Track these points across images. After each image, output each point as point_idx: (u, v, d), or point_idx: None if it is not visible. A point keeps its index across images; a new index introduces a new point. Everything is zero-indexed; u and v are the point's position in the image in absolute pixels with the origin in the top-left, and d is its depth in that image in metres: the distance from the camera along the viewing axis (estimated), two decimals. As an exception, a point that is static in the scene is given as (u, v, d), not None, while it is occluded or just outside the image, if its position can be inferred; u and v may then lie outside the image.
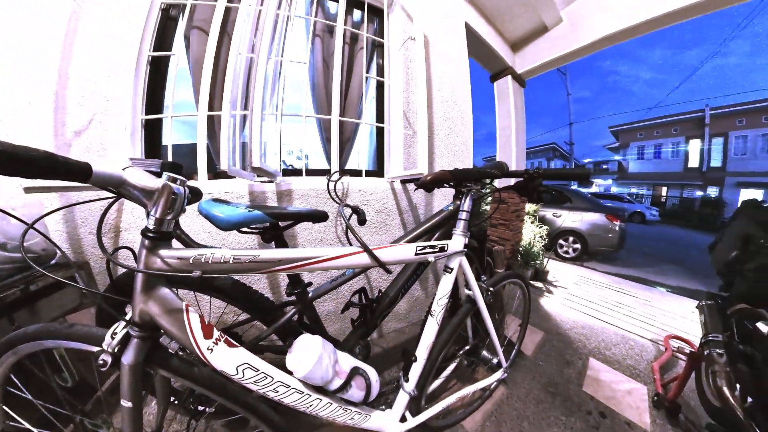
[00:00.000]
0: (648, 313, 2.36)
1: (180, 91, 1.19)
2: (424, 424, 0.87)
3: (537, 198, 0.86)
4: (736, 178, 16.94)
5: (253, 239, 1.17)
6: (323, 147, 1.53)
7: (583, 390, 1.35)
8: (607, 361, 1.60)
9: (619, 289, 2.91)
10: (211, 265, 0.49)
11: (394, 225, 1.51)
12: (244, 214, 0.64)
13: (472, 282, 0.88)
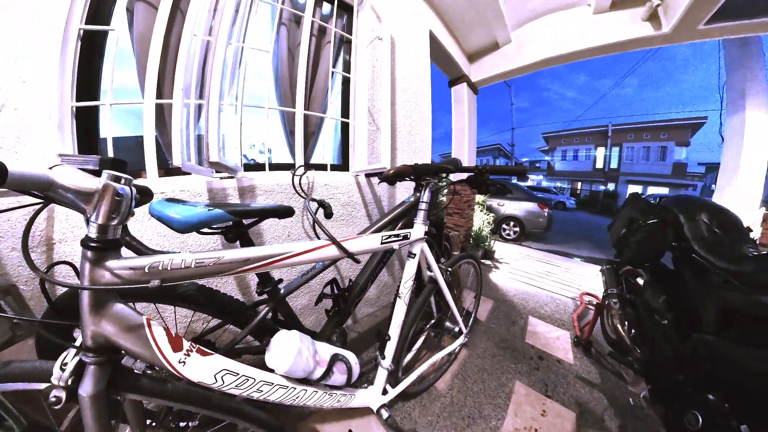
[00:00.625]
0: (568, 277, 2.79)
1: (121, 74, 0.94)
2: (403, 393, 0.91)
3: (485, 190, 0.94)
4: (626, 177, 21.70)
5: (216, 240, 1.02)
6: (287, 141, 1.40)
7: (525, 342, 1.61)
8: (541, 318, 1.91)
9: (548, 261, 3.36)
10: (171, 272, 0.42)
11: (359, 217, 1.48)
12: (203, 214, 0.55)
13: (433, 265, 0.94)
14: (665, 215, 1.14)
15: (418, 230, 0.82)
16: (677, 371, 0.83)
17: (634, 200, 1.46)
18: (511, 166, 0.97)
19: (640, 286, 1.21)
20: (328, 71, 1.39)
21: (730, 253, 0.89)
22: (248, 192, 1.09)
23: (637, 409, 1.17)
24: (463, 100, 3.29)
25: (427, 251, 0.89)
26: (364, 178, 1.49)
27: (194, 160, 0.96)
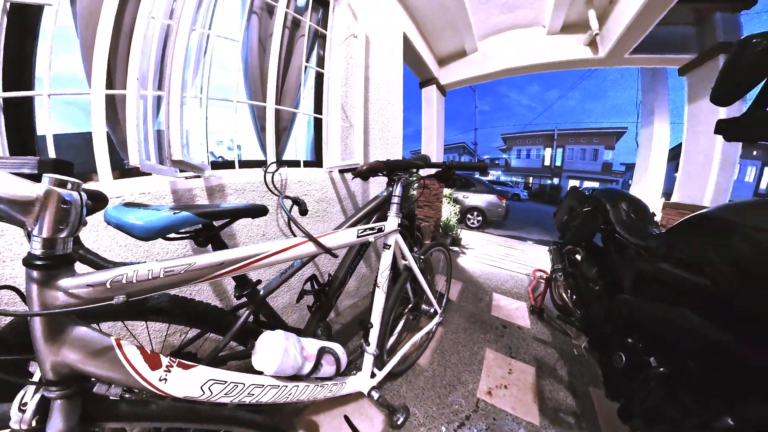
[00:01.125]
0: (524, 258, 3.08)
1: (62, 59, 0.74)
2: (390, 373, 0.94)
3: (452, 184, 0.96)
4: (567, 173, 25.14)
5: (185, 245, 0.91)
6: (258, 136, 1.28)
7: (491, 315, 1.79)
8: (503, 293, 2.12)
9: (507, 245, 3.62)
10: (138, 286, 0.37)
11: (334, 213, 1.44)
12: (168, 218, 0.48)
13: (407, 254, 0.96)
14: (596, 204, 1.32)
15: (391, 223, 0.82)
16: (606, 324, 0.97)
17: (573, 192, 1.65)
18: (474, 162, 0.98)
19: (578, 261, 1.39)
20: (301, 66, 1.29)
21: (641, 233, 1.06)
22: (217, 192, 0.99)
23: (580, 357, 1.44)
24: (432, 101, 3.38)
25: (401, 242, 0.90)
26: (338, 174, 1.44)
27: (154, 159, 0.83)
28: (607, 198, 1.30)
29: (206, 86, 0.98)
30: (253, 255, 0.49)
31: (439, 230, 3.07)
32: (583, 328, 1.22)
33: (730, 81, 0.45)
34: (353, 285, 1.67)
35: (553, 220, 1.77)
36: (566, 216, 1.54)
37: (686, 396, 0.61)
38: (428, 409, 1.07)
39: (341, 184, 1.47)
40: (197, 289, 0.96)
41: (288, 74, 1.32)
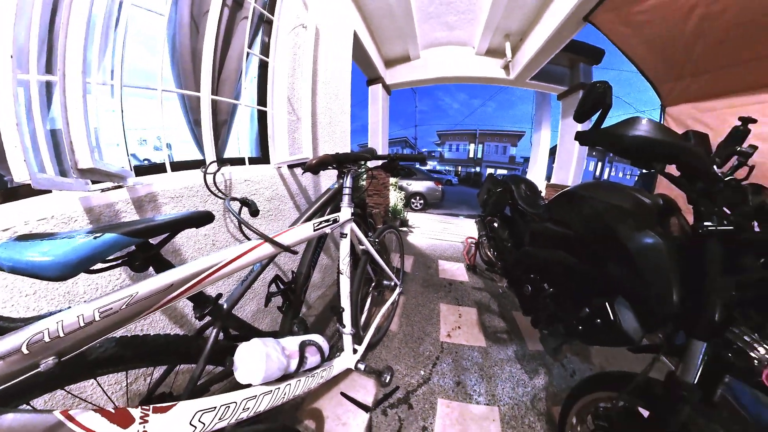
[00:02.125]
0: (458, 230, 3.53)
1: None
2: (369, 345, 0.97)
3: (396, 173, 0.97)
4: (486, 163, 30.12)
5: (119, 274, 0.67)
6: (192, 132, 1.01)
7: (439, 277, 2.03)
8: (446, 259, 2.42)
9: (445, 221, 4.06)
10: (68, 339, 0.27)
11: (287, 209, 1.27)
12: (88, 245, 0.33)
13: (364, 239, 0.95)
14: (506, 186, 1.69)
15: (345, 213, 0.80)
16: (517, 268, 1.24)
17: (490, 178, 2.01)
18: (415, 154, 1.03)
19: (495, 227, 1.77)
20: (242, 52, 1.05)
21: (534, 205, 1.45)
22: (149, 203, 0.74)
23: (504, 293, 1.83)
24: (378, 99, 3.41)
25: (356, 229, 0.88)
26: (287, 170, 1.26)
27: (53, 171, 0.57)
28: (512, 181, 1.68)
29: (119, 70, 0.68)
30: (206, 268, 0.41)
31: (388, 215, 3.20)
32: (503, 274, 1.59)
33: (584, 108, 0.59)
34: (318, 277, 1.58)
35: (476, 200, 2.12)
36: (486, 195, 1.90)
37: (564, 302, 0.87)
38: (407, 362, 1.20)
39: (291, 179, 1.30)
40: (148, 322, 0.76)
41: (227, 60, 1.05)
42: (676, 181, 0.58)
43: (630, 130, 0.55)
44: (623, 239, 0.64)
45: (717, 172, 0.54)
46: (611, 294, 0.69)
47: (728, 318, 0.50)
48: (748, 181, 0.56)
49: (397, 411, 0.99)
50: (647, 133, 0.53)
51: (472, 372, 1.18)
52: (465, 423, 0.95)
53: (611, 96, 0.56)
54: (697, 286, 0.53)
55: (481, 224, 2.05)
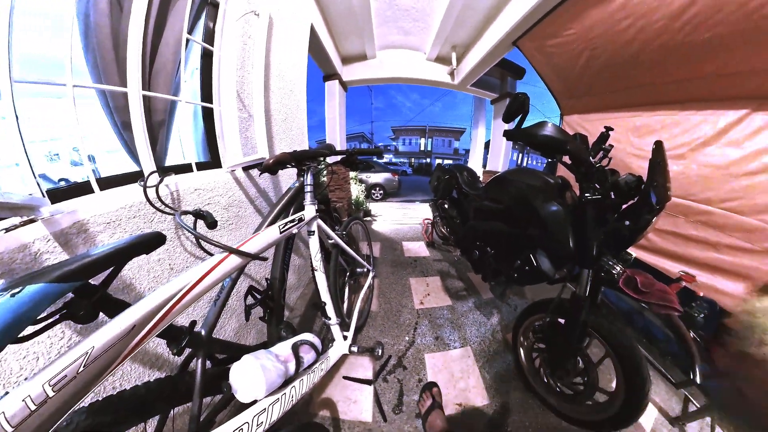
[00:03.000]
0: (416, 213, 3.73)
1: None
2: (356, 329, 0.97)
3: (355, 168, 0.95)
4: (435, 155, 32.46)
5: (60, 333, 0.49)
6: (121, 138, 0.76)
7: (405, 256, 2.16)
8: (408, 240, 2.55)
9: (404, 208, 4.20)
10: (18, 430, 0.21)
11: (248, 215, 1.11)
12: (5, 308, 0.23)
13: (331, 233, 0.92)
14: (452, 173, 1.89)
15: (310, 210, 0.75)
16: (466, 239, 1.45)
17: (438, 167, 2.23)
18: (372, 148, 0.98)
19: (446, 208, 1.99)
20: (180, 38, 0.81)
21: (475, 187, 1.66)
22: (77, 235, 0.53)
23: (459, 260, 2.07)
24: (335, 95, 3.22)
25: (323, 225, 0.83)
26: (243, 173, 1.09)
27: None
28: (457, 169, 1.89)
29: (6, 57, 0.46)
30: (170, 298, 0.34)
31: (352, 207, 3.16)
32: (456, 245, 1.82)
33: (510, 112, 0.72)
34: (293, 278, 1.46)
35: (429, 186, 2.34)
36: (436, 182, 2.11)
37: (502, 259, 1.09)
38: (392, 333, 1.30)
39: (248, 182, 1.13)
40: (119, 376, 0.61)
41: (161, 47, 0.81)
42: (569, 167, 0.77)
43: (541, 131, 0.71)
44: (537, 209, 0.86)
45: (592, 161, 0.76)
46: (533, 248, 0.92)
47: (600, 252, 0.73)
48: (608, 167, 0.79)
49: (395, 375, 1.08)
50: (552, 133, 0.70)
51: (445, 327, 1.36)
52: (449, 366, 1.12)
53: (529, 104, 0.72)
54: (582, 235, 0.76)
55: (434, 207, 2.25)
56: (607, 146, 0.83)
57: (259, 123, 1.06)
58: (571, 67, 1.78)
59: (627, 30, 1.31)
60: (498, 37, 2.19)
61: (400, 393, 1.00)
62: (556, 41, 1.77)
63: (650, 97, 1.44)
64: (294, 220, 0.64)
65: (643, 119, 1.49)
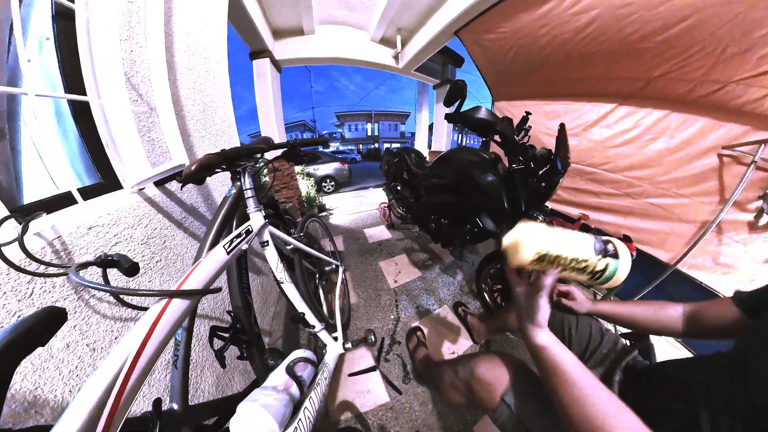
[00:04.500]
0: (371, 200, 3.77)
1: None
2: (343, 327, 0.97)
3: (300, 161, 0.87)
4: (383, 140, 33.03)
5: None
6: None
7: (369, 243, 2.21)
8: (369, 227, 2.59)
9: (358, 196, 4.15)
10: None
11: (180, 243, 0.82)
12: None
13: (288, 238, 0.86)
14: (400, 156, 2.01)
15: (256, 218, 0.66)
16: (421, 215, 1.58)
17: (387, 151, 2.30)
18: (316, 137, 0.88)
19: (399, 189, 2.13)
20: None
21: (422, 167, 1.83)
22: None
23: (419, 235, 2.29)
24: (266, 77, 2.63)
25: (276, 232, 0.75)
26: (156, 190, 0.77)
27: None
28: (405, 152, 2.01)
29: None
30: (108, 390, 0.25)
31: (304, 205, 2.95)
32: (414, 222, 1.98)
33: (450, 97, 0.80)
34: (259, 301, 1.27)
35: (380, 171, 2.41)
36: (386, 166, 2.19)
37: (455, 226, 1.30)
38: (378, 317, 1.36)
39: (168, 201, 0.81)
40: None
41: None
42: (499, 144, 0.93)
43: (476, 114, 0.82)
44: (477, 180, 1.06)
45: (516, 139, 0.91)
46: (477, 213, 1.14)
47: (527, 208, 0.97)
48: (528, 143, 1.02)
49: (393, 352, 1.17)
50: (485, 116, 0.82)
51: (422, 295, 1.54)
52: (436, 327, 1.30)
53: (466, 91, 0.78)
54: (513, 197, 0.98)
55: (388, 190, 2.36)
56: (527, 127, 1.06)
57: (166, 118, 0.78)
58: (502, 60, 2.15)
59: (544, 36, 1.71)
60: (441, 25, 2.31)
61: (403, 365, 1.10)
62: (490, 36, 2.05)
63: (557, 89, 1.95)
64: (240, 234, 0.55)
65: (553, 106, 2.02)
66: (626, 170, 1.57)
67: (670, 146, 1.36)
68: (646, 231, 1.50)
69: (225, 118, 1.31)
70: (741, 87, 1.06)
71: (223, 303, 0.97)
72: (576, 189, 1.89)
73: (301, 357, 0.56)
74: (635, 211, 1.55)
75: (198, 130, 1.07)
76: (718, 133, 1.20)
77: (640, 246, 1.49)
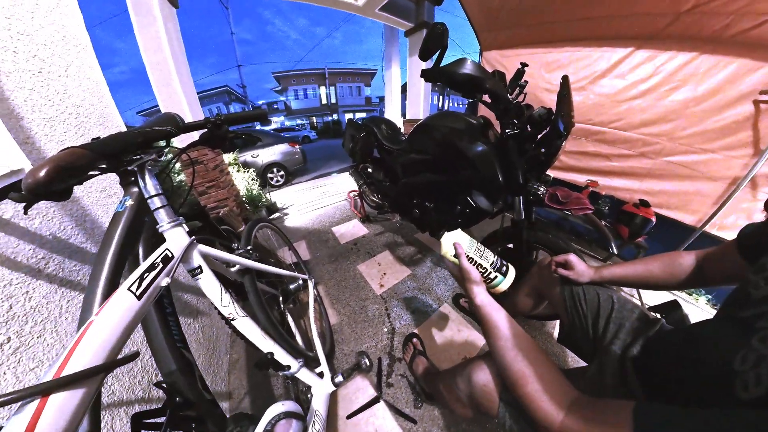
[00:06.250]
0: (336, 189, 3.81)
1: None
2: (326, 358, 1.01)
3: (230, 146, 0.78)
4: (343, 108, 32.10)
5: None
6: None
7: (341, 244, 2.26)
8: (338, 223, 2.64)
9: (318, 186, 4.12)
10: None
11: (46, 298, 0.65)
12: None
13: (231, 257, 0.79)
14: (368, 129, 1.95)
15: (176, 237, 0.58)
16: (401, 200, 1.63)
17: (350, 124, 2.22)
18: (249, 111, 0.79)
19: (371, 172, 2.13)
20: None
21: (397, 141, 1.81)
22: None
23: (401, 225, 2.42)
24: (153, 15, 1.99)
25: (210, 251, 0.69)
26: None
27: None
28: (373, 123, 1.95)
29: None
30: None
31: (246, 207, 2.73)
32: (394, 210, 2.00)
33: (426, 47, 0.79)
34: (203, 354, 1.14)
35: (343, 150, 2.35)
36: (351, 143, 2.14)
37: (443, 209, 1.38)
38: (368, 334, 1.38)
39: (12, 238, 0.61)
40: None
41: None
42: (489, 105, 0.95)
43: (460, 69, 0.82)
44: (464, 151, 1.10)
45: (510, 98, 0.97)
46: (468, 190, 1.19)
47: (525, 179, 1.02)
48: (524, 102, 1.05)
49: (395, 372, 1.19)
50: (472, 71, 0.82)
51: (416, 297, 1.61)
52: (439, 329, 1.39)
53: (448, 38, 0.79)
54: (508, 168, 1.02)
55: (357, 174, 2.34)
56: (523, 82, 1.10)
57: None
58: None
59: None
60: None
61: (411, 386, 1.12)
62: (479, -35, 2.04)
63: (560, 33, 1.98)
64: (154, 265, 0.49)
65: (554, 55, 2.07)
66: (641, 127, 1.72)
67: (696, 95, 1.48)
68: (665, 193, 1.68)
69: (89, 86, 0.99)
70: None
71: (146, 373, 0.85)
72: (582, 153, 2.03)
73: (280, 413, 0.55)
74: (653, 172, 1.73)
75: (39, 108, 0.79)
76: (754, 77, 1.27)
77: (660, 210, 1.67)
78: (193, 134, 0.72)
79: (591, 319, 0.68)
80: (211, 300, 0.65)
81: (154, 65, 2.14)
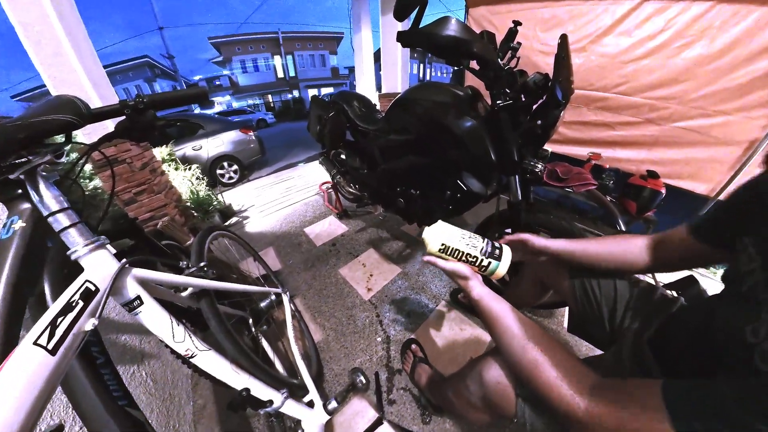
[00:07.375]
0: (304, 181, 3.84)
1: None
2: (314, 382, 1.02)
3: (161, 137, 0.72)
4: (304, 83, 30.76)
5: None
6: None
7: (318, 246, 2.28)
8: (310, 222, 2.66)
9: (283, 180, 4.05)
10: None
11: None
12: None
13: (179, 279, 0.77)
14: (337, 107, 1.90)
15: (95, 263, 0.53)
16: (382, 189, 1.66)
17: (315, 102, 2.15)
18: (182, 90, 0.71)
19: (344, 159, 2.09)
20: None
21: (372, 120, 1.78)
22: None
23: (385, 218, 2.43)
24: None
25: (149, 275, 0.65)
26: None
27: None
28: (342, 100, 1.91)
29: None
30: None
31: (192, 214, 2.59)
32: (375, 201, 2.02)
33: (402, 3, 0.77)
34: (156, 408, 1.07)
35: (309, 135, 2.29)
36: (318, 126, 2.08)
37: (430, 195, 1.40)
38: (360, 347, 1.42)
39: None
40: None
41: None
42: (476, 73, 0.95)
43: (443, 30, 0.82)
44: (452, 128, 1.11)
45: (500, 63, 0.97)
46: (458, 173, 1.21)
47: (521, 156, 1.04)
48: (516, 68, 1.07)
49: (396, 387, 1.22)
50: (456, 32, 0.82)
51: (409, 298, 1.66)
52: (439, 331, 1.46)
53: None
54: (501, 144, 1.04)
55: (328, 162, 2.30)
56: (515, 44, 1.13)
57: None
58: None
59: None
60: None
61: (416, 399, 1.16)
62: None
63: None
64: (69, 305, 0.45)
65: (551, 10, 2.09)
66: (648, 90, 1.82)
67: (711, 52, 1.56)
68: (675, 162, 1.81)
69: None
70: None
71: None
72: (583, 122, 2.12)
73: None
74: (661, 140, 1.85)
75: None
76: (777, 28, 1.30)
77: (669, 181, 1.79)
78: (105, 123, 0.65)
79: (607, 308, 0.74)
80: (160, 337, 0.62)
81: (26, 26, 1.66)
